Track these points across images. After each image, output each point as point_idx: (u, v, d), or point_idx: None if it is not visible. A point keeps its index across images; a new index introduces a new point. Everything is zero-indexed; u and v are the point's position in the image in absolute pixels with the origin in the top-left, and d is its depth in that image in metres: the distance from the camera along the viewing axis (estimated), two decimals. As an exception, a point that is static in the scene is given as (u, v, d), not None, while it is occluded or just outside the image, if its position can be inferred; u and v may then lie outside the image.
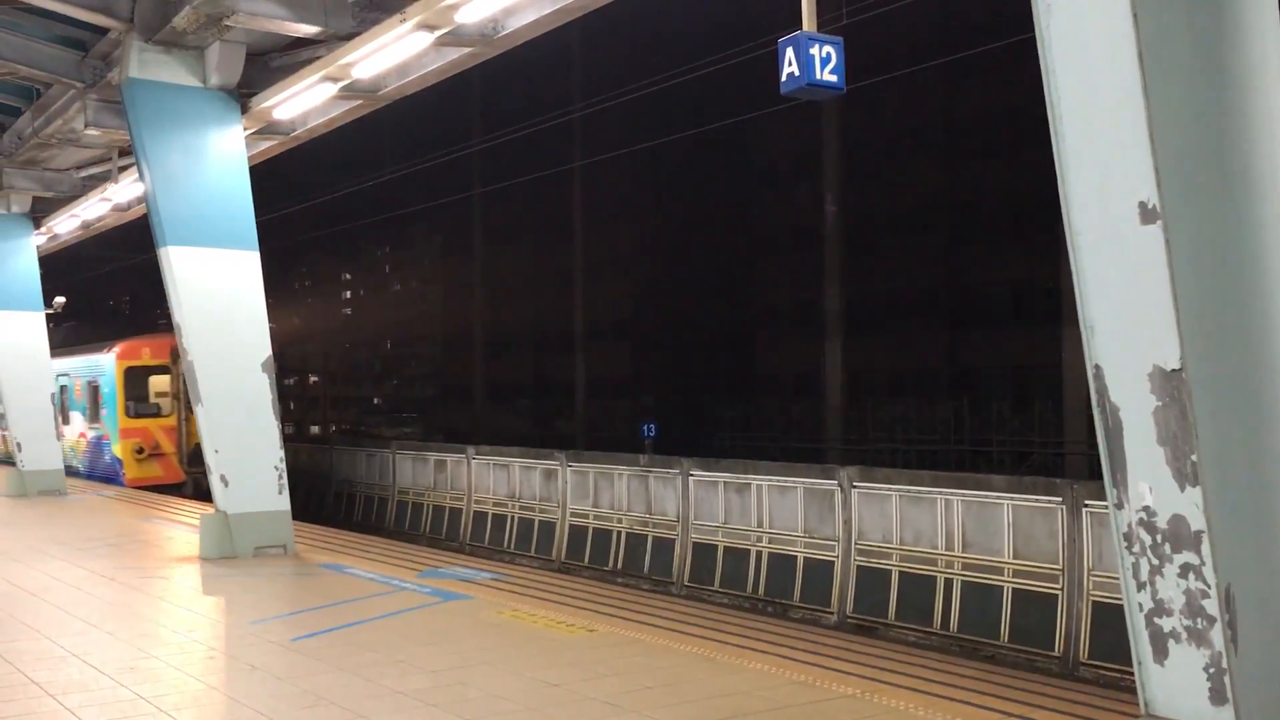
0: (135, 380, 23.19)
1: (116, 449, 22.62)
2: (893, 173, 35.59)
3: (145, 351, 23.03)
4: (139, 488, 20.87)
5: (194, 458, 20.97)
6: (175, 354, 20.37)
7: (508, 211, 48.98)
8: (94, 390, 23.95)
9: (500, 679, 6.44)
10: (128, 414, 22.56)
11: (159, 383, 23.08)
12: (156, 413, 22.85)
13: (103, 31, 12.33)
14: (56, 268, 27.84)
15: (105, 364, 23.31)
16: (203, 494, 19.38)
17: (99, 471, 23.41)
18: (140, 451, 22.20)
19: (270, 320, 12.62)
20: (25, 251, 19.55)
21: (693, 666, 6.72)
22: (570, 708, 5.83)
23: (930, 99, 34.06)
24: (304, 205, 32.61)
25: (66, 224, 19.20)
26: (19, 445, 19.03)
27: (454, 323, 58.50)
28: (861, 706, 5.83)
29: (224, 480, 11.36)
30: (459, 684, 6.32)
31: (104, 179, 16.71)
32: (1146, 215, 4.35)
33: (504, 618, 8.21)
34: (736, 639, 7.42)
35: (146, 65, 11.42)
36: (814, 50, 6.57)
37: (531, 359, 51.67)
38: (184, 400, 21.63)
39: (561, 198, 45.32)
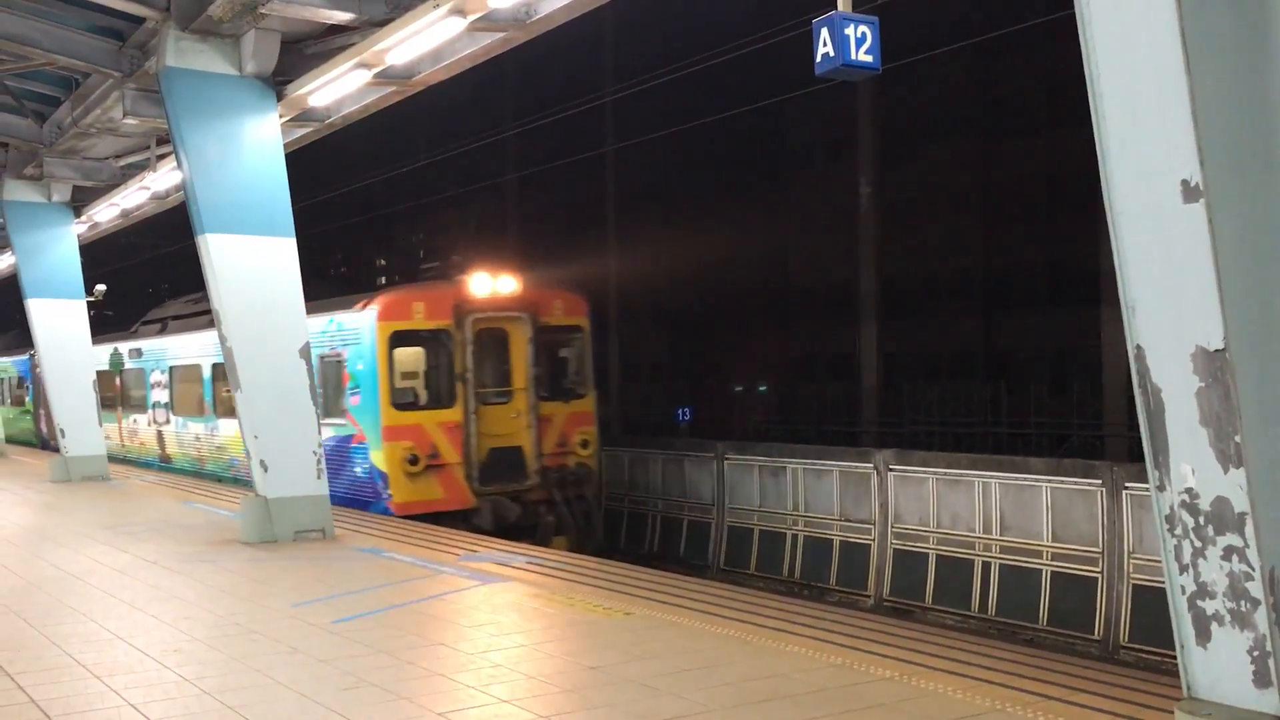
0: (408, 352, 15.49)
1: (379, 457, 14.92)
2: (929, 153, 35.28)
3: (418, 308, 15.21)
4: (410, 517, 13.94)
5: (489, 471, 15.18)
6: (460, 312, 15.28)
7: (541, 196, 49.04)
8: (335, 367, 16.09)
9: (539, 661, 6.49)
10: (395, 404, 15.03)
11: (430, 357, 15.72)
12: (429, 401, 15.34)
13: (140, 21, 12.43)
14: (94, 255, 27.68)
15: (359, 328, 15.44)
16: (505, 528, 14.43)
17: (345, 490, 15.46)
18: (414, 461, 14.71)
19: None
20: (66, 240, 19.80)
21: (730, 649, 6.73)
22: (608, 690, 5.86)
23: (967, 78, 33.70)
24: (340, 191, 32.79)
25: (106, 212, 19.42)
26: (62, 431, 19.32)
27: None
28: (900, 689, 5.82)
29: (264, 465, 11.49)
30: (497, 666, 6.37)
31: (143, 167, 16.89)
32: (1189, 193, 4.29)
33: (541, 601, 8.26)
34: (773, 622, 7.42)
35: (183, 54, 11.51)
36: (849, 30, 6.52)
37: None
38: (472, 383, 15.24)
39: (595, 181, 45.33)
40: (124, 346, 24.68)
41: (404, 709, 5.59)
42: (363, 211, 43.50)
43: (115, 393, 25.33)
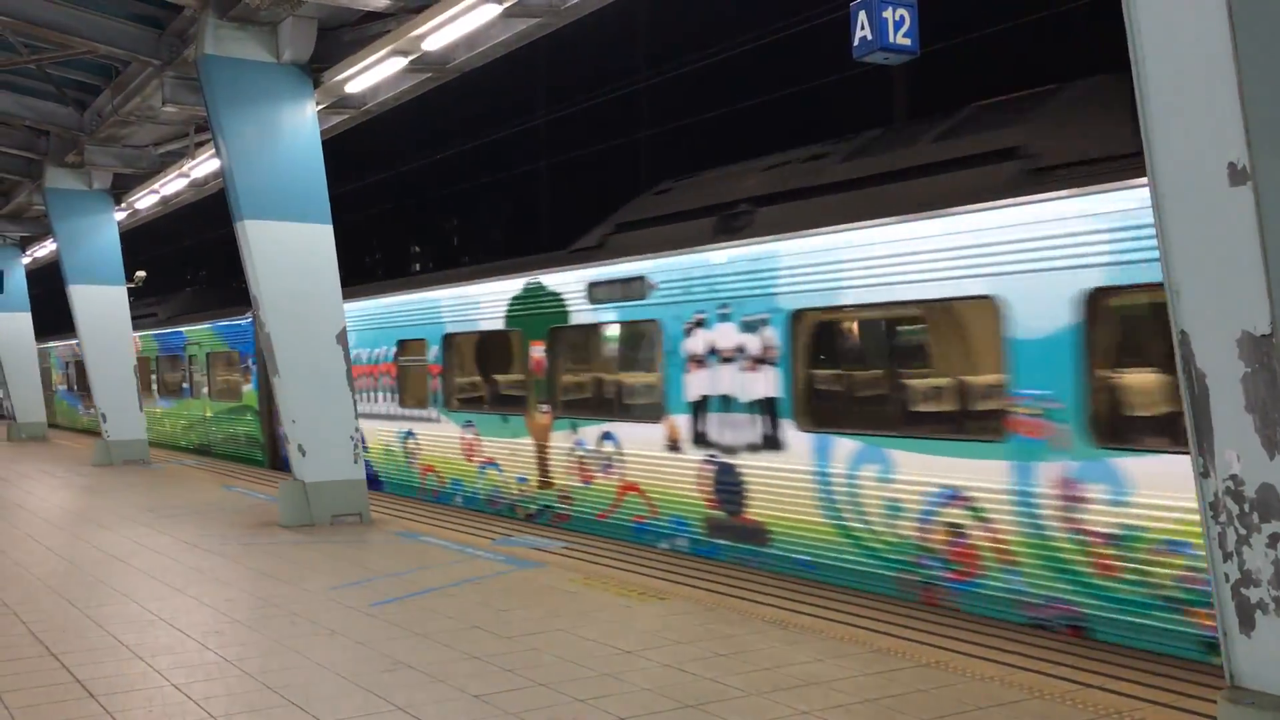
0: None
1: None
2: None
3: None
4: None
5: None
6: None
7: (576, 184, 49.12)
8: None
9: (574, 645, 6.51)
10: None
11: None
12: None
13: (179, 9, 12.55)
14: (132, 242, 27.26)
15: None
16: None
17: None
18: None
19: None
20: (107, 227, 20.05)
21: (765, 634, 6.73)
22: (643, 674, 5.88)
23: (1003, 60, 33.35)
24: (380, 178, 32.97)
25: (146, 200, 19.64)
26: (104, 416, 19.59)
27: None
28: (938, 676, 5.79)
29: (301, 450, 11.60)
30: (533, 649, 6.40)
31: (182, 155, 17.06)
32: (1236, 176, 4.22)
33: (576, 585, 8.29)
34: (810, 608, 7.41)
35: (221, 42, 11.61)
36: (887, 13, 6.47)
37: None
38: None
39: (627, 169, 45.35)
40: (575, 278, 11.84)
41: (442, 691, 5.63)
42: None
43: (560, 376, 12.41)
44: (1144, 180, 5.59)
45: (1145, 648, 6.73)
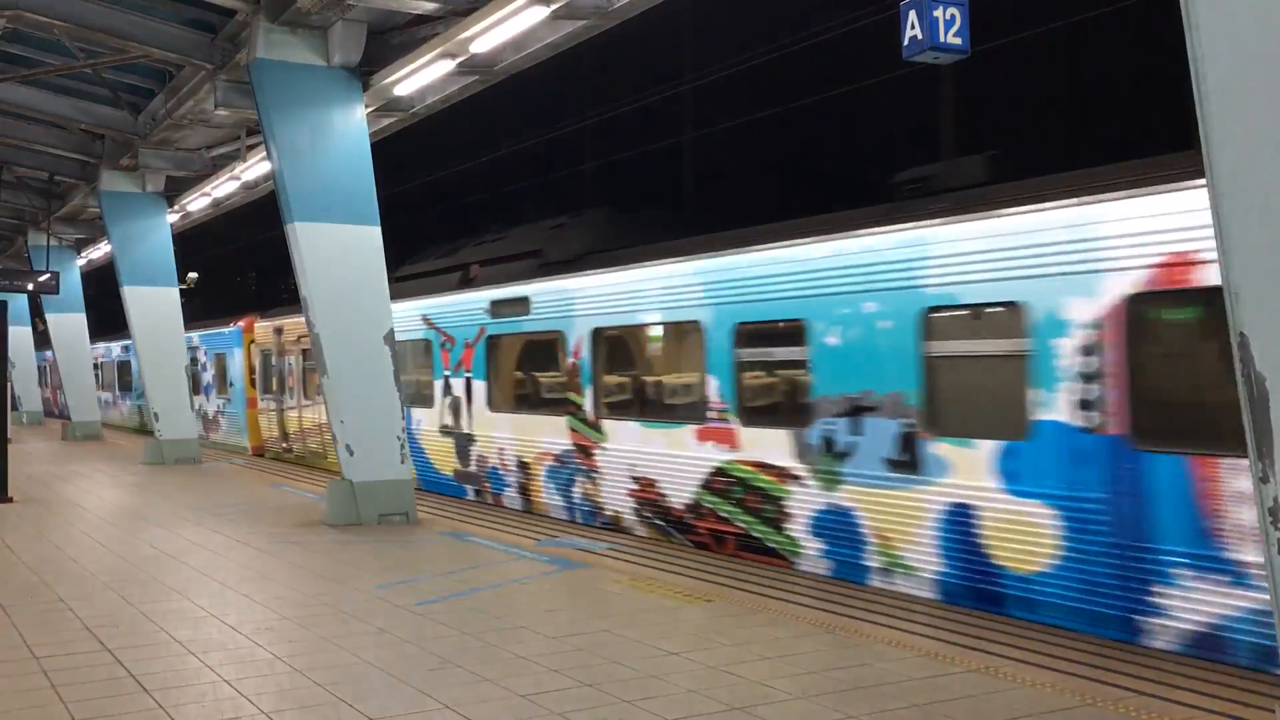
0: None
1: None
2: (1010, 139, 34.58)
3: None
4: None
5: None
6: None
7: (620, 184, 49.18)
8: None
9: (619, 646, 6.51)
10: None
11: None
12: None
13: (230, 14, 12.71)
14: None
15: None
16: None
17: None
18: None
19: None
20: (160, 229, 20.36)
21: (812, 637, 6.69)
22: (688, 676, 5.86)
23: (1052, 60, 32.94)
24: (423, 181, 33.15)
25: (198, 202, 19.92)
26: (156, 415, 19.88)
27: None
28: (987, 682, 5.72)
29: (350, 450, 11.70)
30: (579, 650, 6.41)
31: (233, 158, 17.28)
32: (1297, 174, 4.14)
33: (621, 587, 8.29)
34: (857, 611, 7.36)
35: (273, 46, 11.75)
36: (937, 12, 6.41)
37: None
38: None
39: (671, 170, 45.32)
40: None
41: (488, 690, 5.65)
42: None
43: None
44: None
45: None
